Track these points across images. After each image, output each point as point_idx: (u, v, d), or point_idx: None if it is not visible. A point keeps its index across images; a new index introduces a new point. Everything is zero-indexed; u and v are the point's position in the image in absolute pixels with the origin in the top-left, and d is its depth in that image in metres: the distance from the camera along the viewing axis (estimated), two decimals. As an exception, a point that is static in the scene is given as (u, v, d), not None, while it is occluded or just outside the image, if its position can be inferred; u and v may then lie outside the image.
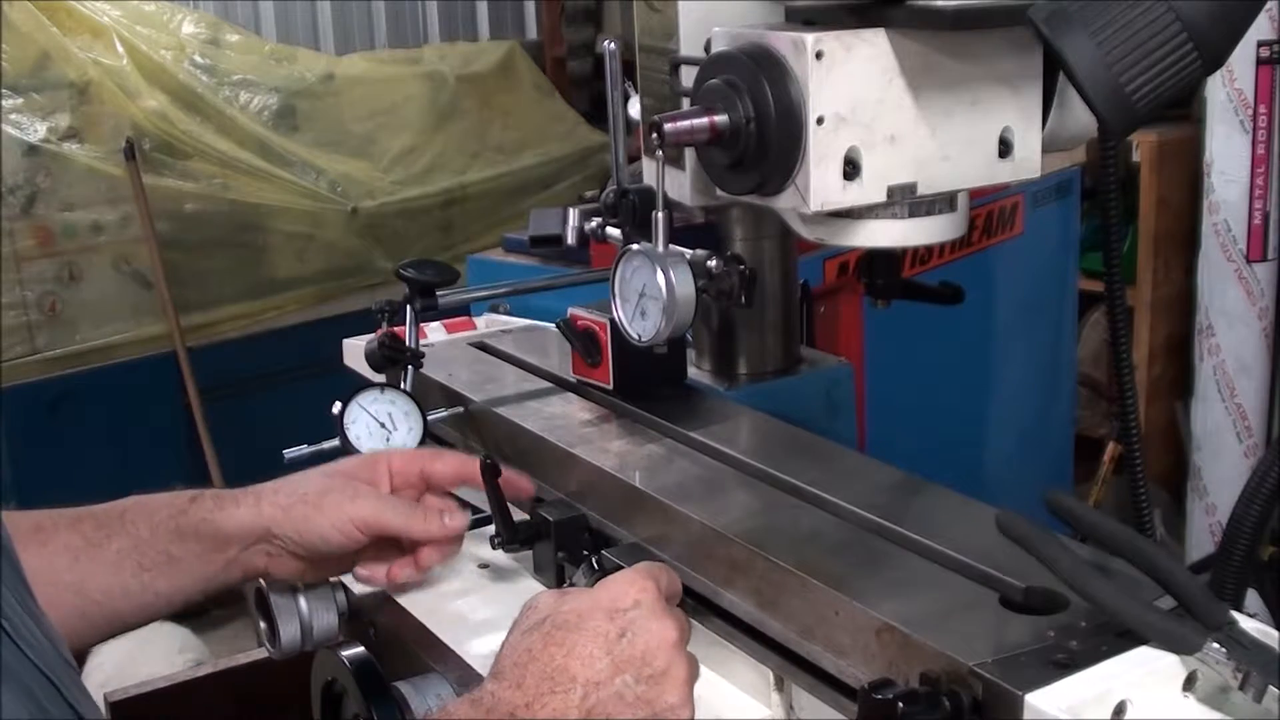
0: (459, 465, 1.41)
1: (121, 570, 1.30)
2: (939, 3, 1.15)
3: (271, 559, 1.34)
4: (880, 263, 1.55)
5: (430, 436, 1.54)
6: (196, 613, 4.12)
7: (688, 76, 1.35)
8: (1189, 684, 0.96)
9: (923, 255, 2.41)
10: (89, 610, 1.30)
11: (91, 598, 1.30)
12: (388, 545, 1.38)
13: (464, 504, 1.42)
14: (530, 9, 6.02)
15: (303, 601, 1.43)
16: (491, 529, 1.43)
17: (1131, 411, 1.49)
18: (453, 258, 3.54)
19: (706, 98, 1.24)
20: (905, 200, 1.24)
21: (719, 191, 1.31)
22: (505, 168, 4.87)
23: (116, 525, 1.31)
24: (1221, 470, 3.68)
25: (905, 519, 1.22)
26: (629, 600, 1.08)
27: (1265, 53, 3.44)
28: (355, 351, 1.71)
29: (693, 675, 1.09)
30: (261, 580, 1.43)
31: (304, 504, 1.31)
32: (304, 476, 1.35)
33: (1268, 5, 1.17)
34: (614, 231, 1.51)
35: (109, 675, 3.07)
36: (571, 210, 1.77)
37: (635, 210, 1.45)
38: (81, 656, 3.21)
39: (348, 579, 1.50)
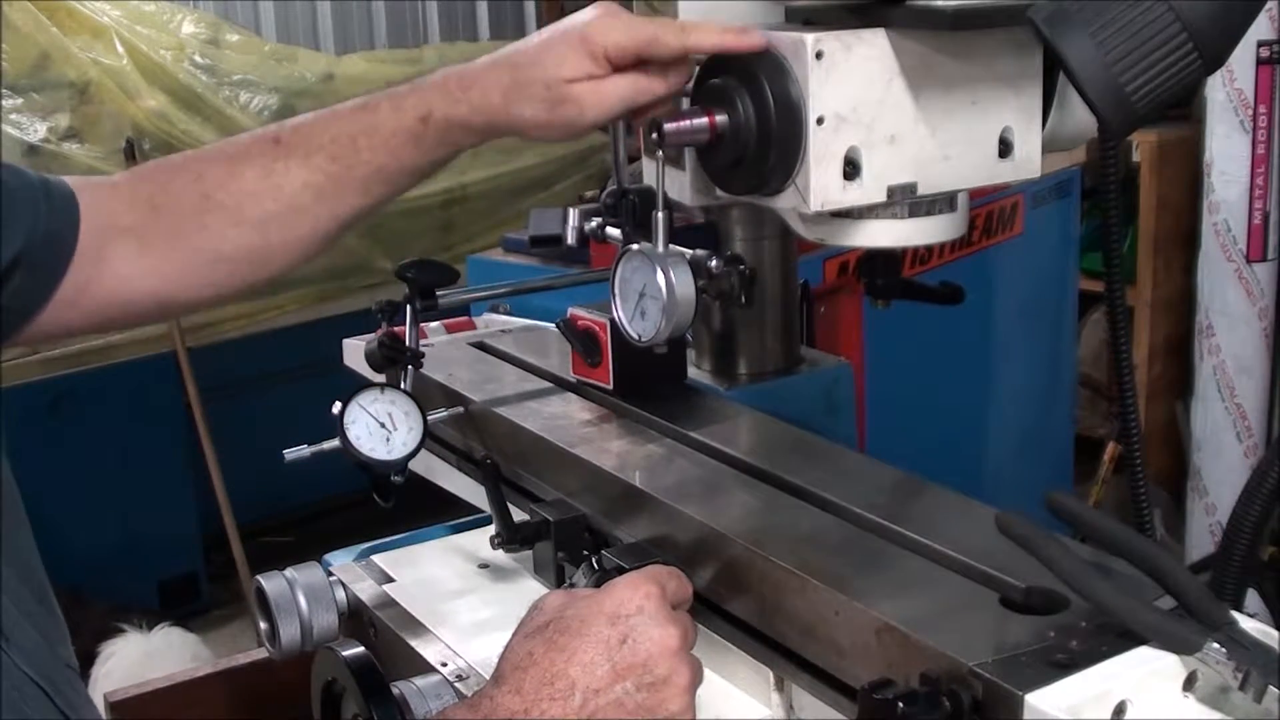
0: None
1: (370, 190, 1.36)
2: (939, 3, 1.15)
3: None
4: (880, 263, 1.55)
5: (430, 436, 1.54)
6: (197, 612, 4.13)
7: (688, 76, 1.34)
8: (1189, 684, 0.96)
9: (923, 255, 2.41)
10: (342, 228, 1.40)
11: (344, 220, 1.39)
12: None
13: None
14: (530, 9, 6.01)
15: (303, 601, 1.43)
16: (492, 529, 1.43)
17: (1131, 411, 1.48)
18: (453, 258, 3.53)
19: (706, 98, 1.24)
20: (905, 200, 1.24)
21: (719, 191, 1.31)
22: (505, 168, 4.84)
23: (352, 154, 1.34)
24: (1221, 470, 3.67)
25: (905, 519, 1.22)
26: (632, 606, 1.07)
27: (1265, 53, 3.44)
28: (355, 351, 1.72)
29: (695, 682, 1.08)
30: (260, 580, 1.44)
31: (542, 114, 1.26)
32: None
33: (1268, 5, 1.17)
34: (614, 231, 1.51)
35: (118, 683, 3.05)
36: (571, 210, 1.78)
37: (635, 210, 1.45)
38: (89, 658, 3.20)
39: (348, 579, 1.51)
